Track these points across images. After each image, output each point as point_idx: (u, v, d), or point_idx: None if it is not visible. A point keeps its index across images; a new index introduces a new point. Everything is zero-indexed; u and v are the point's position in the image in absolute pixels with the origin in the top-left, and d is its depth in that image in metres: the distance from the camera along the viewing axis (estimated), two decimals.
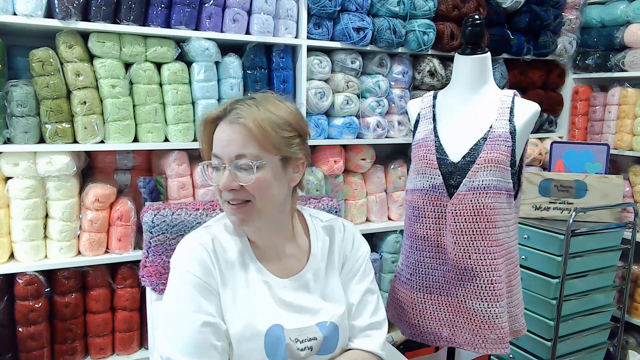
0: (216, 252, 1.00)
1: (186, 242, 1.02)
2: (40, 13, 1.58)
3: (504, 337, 1.25)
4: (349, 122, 2.10)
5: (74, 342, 1.75)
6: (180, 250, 1.01)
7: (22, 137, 1.62)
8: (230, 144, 0.95)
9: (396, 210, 2.33)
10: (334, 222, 1.15)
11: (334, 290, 1.08)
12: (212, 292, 0.97)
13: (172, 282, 0.98)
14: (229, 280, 0.99)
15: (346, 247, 1.13)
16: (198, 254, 0.98)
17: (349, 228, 1.16)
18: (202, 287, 0.96)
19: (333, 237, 1.12)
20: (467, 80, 1.33)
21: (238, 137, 0.94)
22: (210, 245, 1.00)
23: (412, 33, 2.14)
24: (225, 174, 0.94)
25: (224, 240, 1.02)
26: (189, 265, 0.97)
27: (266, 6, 1.89)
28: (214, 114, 0.99)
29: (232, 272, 1.00)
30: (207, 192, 1.88)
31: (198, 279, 0.96)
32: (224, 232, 1.04)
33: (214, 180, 0.98)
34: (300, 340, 1.00)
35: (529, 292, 2.03)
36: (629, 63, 2.47)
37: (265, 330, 0.97)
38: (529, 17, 2.40)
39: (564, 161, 2.20)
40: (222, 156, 0.95)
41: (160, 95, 1.81)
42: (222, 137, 0.96)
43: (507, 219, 1.27)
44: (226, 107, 0.98)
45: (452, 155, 1.27)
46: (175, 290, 0.96)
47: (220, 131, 0.97)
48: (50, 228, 1.70)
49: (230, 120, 0.96)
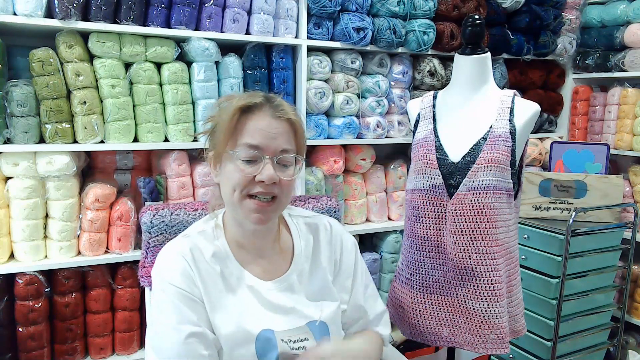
0: (195, 260, 0.97)
1: (165, 253, 0.99)
2: (40, 13, 1.58)
3: (504, 337, 1.25)
4: (349, 122, 2.10)
5: (74, 342, 1.75)
6: (160, 261, 0.99)
7: (22, 137, 1.62)
8: (277, 138, 0.94)
9: (396, 210, 2.33)
10: (317, 220, 1.13)
11: (321, 289, 1.06)
12: (196, 301, 0.94)
13: (155, 294, 0.96)
14: (211, 287, 0.97)
15: (336, 252, 1.11)
16: (178, 265, 0.95)
17: (336, 228, 1.14)
18: (185, 297, 0.93)
19: (317, 235, 1.10)
20: (467, 80, 1.33)
21: (284, 131, 0.95)
22: (189, 255, 0.97)
23: (412, 33, 2.14)
24: (269, 167, 0.92)
25: (203, 248, 0.99)
26: (169, 277, 0.94)
27: (266, 6, 1.89)
28: (250, 102, 0.95)
29: (214, 280, 0.98)
30: (207, 192, 1.88)
31: (180, 289, 0.93)
32: (202, 240, 1.01)
33: (246, 171, 0.92)
34: (293, 340, 0.99)
35: (529, 292, 2.03)
36: (629, 63, 2.47)
37: (256, 334, 0.96)
38: (529, 17, 2.40)
39: (564, 161, 2.20)
40: (265, 148, 0.93)
41: (160, 95, 1.81)
42: (268, 129, 0.93)
43: (507, 219, 1.27)
44: (262, 98, 0.96)
45: (452, 155, 1.27)
46: (159, 303, 0.95)
47: (262, 123, 0.94)
48: (50, 228, 1.70)
49: (275, 114, 0.95)
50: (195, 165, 1.88)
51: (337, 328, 1.06)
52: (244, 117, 0.94)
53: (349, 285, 1.11)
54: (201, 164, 1.88)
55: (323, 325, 1.03)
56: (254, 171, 0.92)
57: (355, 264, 1.13)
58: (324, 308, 1.04)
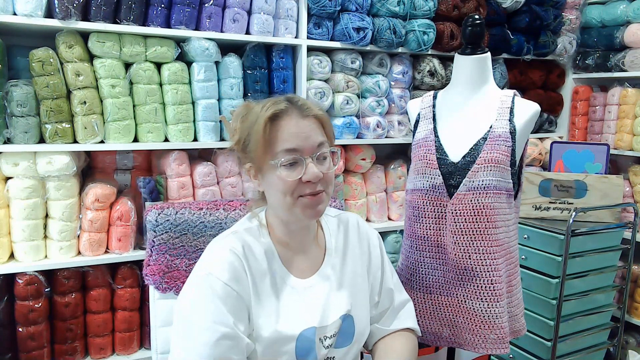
0: (247, 258, 0.97)
1: (215, 248, 0.99)
2: (40, 13, 1.58)
3: (504, 337, 1.25)
4: (349, 122, 2.10)
5: (74, 342, 1.75)
6: (209, 255, 0.98)
7: (22, 137, 1.62)
8: (310, 136, 0.96)
9: (396, 210, 2.33)
10: (347, 217, 1.17)
11: (352, 282, 1.09)
12: (241, 299, 0.94)
13: (195, 286, 0.94)
14: (259, 285, 0.98)
15: (365, 246, 1.15)
16: (229, 260, 0.95)
17: (362, 224, 1.18)
18: (228, 294, 0.92)
19: (347, 232, 1.14)
20: (467, 80, 1.33)
21: (314, 127, 0.97)
22: (240, 251, 0.97)
23: (412, 33, 2.14)
24: (312, 165, 0.95)
25: (253, 245, 1.00)
26: (217, 271, 0.93)
27: (266, 6, 1.89)
28: (277, 110, 0.96)
29: (262, 279, 0.99)
30: (207, 192, 1.88)
31: (226, 285, 0.92)
32: (250, 237, 1.02)
33: (291, 175, 0.94)
34: (329, 336, 1.02)
35: (529, 292, 2.03)
36: (629, 63, 2.47)
37: (297, 334, 0.97)
38: (529, 17, 2.40)
39: (564, 161, 2.20)
40: (303, 148, 0.95)
41: (160, 95, 1.81)
42: (300, 131, 0.95)
43: (507, 219, 1.27)
44: (286, 102, 0.97)
45: (452, 155, 1.27)
46: (197, 296, 0.93)
47: (293, 126, 0.96)
48: (50, 228, 1.69)
49: (302, 114, 0.97)
50: (195, 165, 1.88)
51: (361, 321, 1.08)
52: (274, 125, 0.96)
53: (379, 275, 1.15)
54: (201, 163, 1.88)
55: (350, 318, 1.06)
56: (299, 174, 0.95)
57: (382, 255, 1.17)
58: (352, 300, 1.07)
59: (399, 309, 1.17)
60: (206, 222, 1.27)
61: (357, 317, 1.07)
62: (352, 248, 1.12)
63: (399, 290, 1.19)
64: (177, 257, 1.25)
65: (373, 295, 1.15)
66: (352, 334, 1.06)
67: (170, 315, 1.23)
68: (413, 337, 1.17)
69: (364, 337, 1.11)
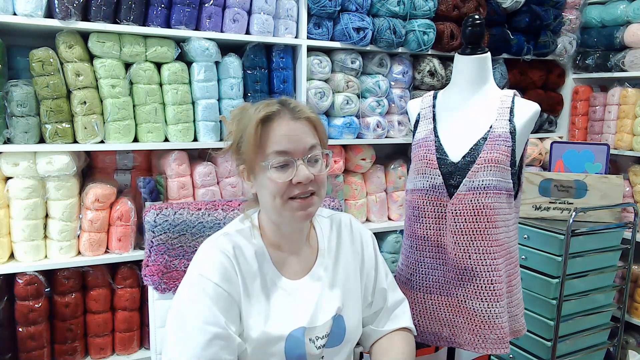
0: (237, 259, 0.98)
1: (206, 249, 1.00)
2: (40, 13, 1.58)
3: (504, 337, 1.25)
4: (349, 122, 2.10)
5: (74, 342, 1.75)
6: (200, 257, 0.99)
7: (22, 137, 1.62)
8: (302, 138, 0.96)
9: (396, 210, 2.33)
10: (338, 218, 1.17)
11: (341, 282, 1.09)
12: (231, 300, 0.95)
13: (187, 287, 0.96)
14: (250, 286, 0.99)
15: (358, 247, 1.15)
16: (220, 261, 0.96)
17: (355, 225, 1.18)
18: (219, 295, 0.93)
19: (340, 232, 1.14)
20: (467, 80, 1.33)
21: (306, 130, 0.98)
22: (231, 252, 0.98)
23: (412, 33, 2.14)
24: (302, 167, 0.95)
25: (243, 247, 1.01)
26: (207, 272, 0.95)
27: (266, 6, 1.89)
28: (268, 112, 0.96)
29: (253, 280, 1.00)
30: (207, 192, 1.88)
31: (217, 286, 0.93)
32: (242, 238, 1.03)
33: (281, 177, 0.95)
34: (320, 337, 1.02)
35: (529, 292, 2.03)
36: (629, 63, 2.47)
37: (286, 334, 0.98)
38: (529, 17, 2.40)
39: (564, 161, 2.20)
40: (293, 151, 0.95)
41: (160, 95, 1.81)
42: (291, 133, 0.96)
43: (507, 219, 1.27)
44: (278, 105, 0.98)
45: (452, 155, 1.27)
46: (189, 297, 0.94)
47: (284, 128, 0.96)
48: (50, 228, 1.69)
49: (294, 116, 0.97)
50: (195, 165, 1.88)
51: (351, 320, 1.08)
52: (265, 127, 0.97)
53: (373, 276, 1.15)
54: (201, 163, 1.88)
55: (340, 318, 1.06)
56: (289, 175, 0.95)
57: (376, 255, 1.18)
58: (343, 300, 1.07)
59: (393, 309, 1.17)
60: (205, 223, 1.27)
61: (348, 317, 1.07)
62: (345, 248, 1.13)
63: (393, 290, 1.19)
64: (175, 258, 1.25)
65: (366, 296, 1.15)
66: (342, 334, 1.06)
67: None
68: (410, 336, 1.17)
69: (355, 337, 1.11)
